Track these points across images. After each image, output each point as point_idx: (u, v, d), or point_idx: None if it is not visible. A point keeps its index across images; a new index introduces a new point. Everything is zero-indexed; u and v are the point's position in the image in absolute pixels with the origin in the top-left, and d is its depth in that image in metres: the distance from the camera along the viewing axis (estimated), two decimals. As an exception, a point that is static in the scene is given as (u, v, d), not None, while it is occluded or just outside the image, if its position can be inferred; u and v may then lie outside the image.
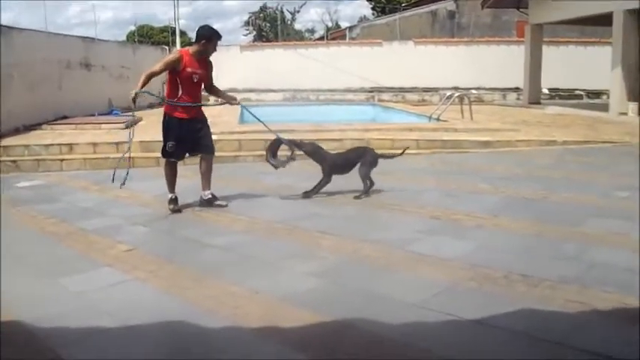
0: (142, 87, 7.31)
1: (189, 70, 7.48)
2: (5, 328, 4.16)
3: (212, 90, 7.95)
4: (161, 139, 7.71)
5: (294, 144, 8.20)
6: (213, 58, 7.73)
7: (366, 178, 8.14)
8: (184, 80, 7.49)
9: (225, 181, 8.47)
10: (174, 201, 7.72)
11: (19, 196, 9.26)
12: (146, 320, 4.22)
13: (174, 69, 7.47)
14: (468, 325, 4.02)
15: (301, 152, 8.32)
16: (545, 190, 8.40)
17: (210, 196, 7.81)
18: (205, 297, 4.65)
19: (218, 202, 7.80)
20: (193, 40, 7.80)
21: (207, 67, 7.78)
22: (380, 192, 8.32)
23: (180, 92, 7.48)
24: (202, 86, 7.80)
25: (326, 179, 8.15)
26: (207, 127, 7.84)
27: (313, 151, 8.27)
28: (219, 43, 7.74)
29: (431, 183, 9.28)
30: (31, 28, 18.29)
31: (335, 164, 8.23)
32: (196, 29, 7.77)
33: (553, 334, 3.82)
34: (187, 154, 7.86)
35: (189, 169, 8.09)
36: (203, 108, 7.87)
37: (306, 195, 8.12)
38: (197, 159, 7.91)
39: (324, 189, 8.19)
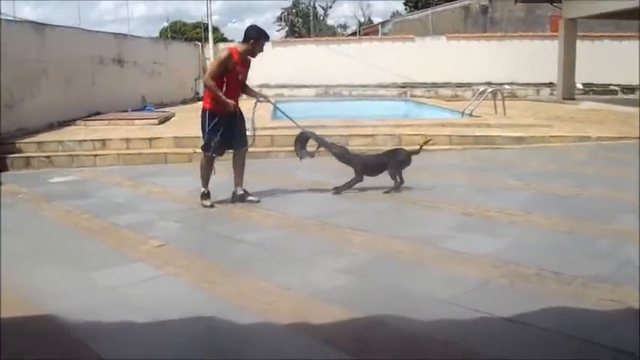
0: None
1: (237, 68, 7.52)
2: (38, 321, 4.22)
3: (245, 89, 7.96)
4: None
5: (323, 142, 8.25)
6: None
7: (395, 175, 8.14)
8: (231, 78, 7.50)
9: (257, 177, 8.48)
10: (206, 195, 7.75)
11: (53, 192, 9.34)
12: (177, 315, 4.25)
13: (225, 67, 7.48)
14: (498, 322, 4.00)
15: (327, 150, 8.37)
16: (579, 187, 8.33)
17: (242, 191, 7.83)
18: (236, 293, 4.67)
19: (250, 198, 7.81)
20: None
21: (248, 66, 7.79)
22: (411, 188, 8.29)
23: (224, 89, 7.47)
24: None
25: (357, 178, 8.19)
26: (244, 122, 7.88)
27: (340, 155, 8.35)
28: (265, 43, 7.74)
29: (463, 179, 9.23)
30: (65, 24, 18.45)
31: (365, 165, 8.27)
32: (245, 29, 7.77)
33: (585, 332, 3.78)
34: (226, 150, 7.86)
35: (220, 165, 8.09)
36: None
37: (337, 191, 8.14)
38: (229, 154, 7.91)
39: (356, 186, 8.19)
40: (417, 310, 4.20)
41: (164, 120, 16.57)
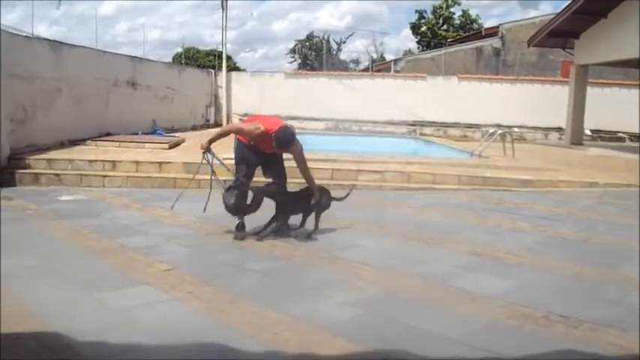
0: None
1: (260, 145, 7.38)
2: (45, 338, 4.22)
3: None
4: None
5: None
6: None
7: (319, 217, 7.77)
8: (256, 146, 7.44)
9: (261, 210, 8.25)
10: (241, 227, 7.61)
11: (61, 210, 9.37)
12: (183, 340, 4.25)
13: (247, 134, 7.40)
14: (506, 363, 4.00)
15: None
16: (587, 232, 8.33)
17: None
18: (244, 321, 4.67)
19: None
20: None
21: (275, 152, 7.51)
22: (420, 226, 8.29)
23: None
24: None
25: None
26: (281, 161, 7.74)
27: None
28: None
29: (471, 219, 9.22)
30: (82, 44, 18.56)
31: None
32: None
33: (593, 377, 3.78)
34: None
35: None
36: None
37: (259, 237, 7.53)
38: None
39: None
40: (424, 348, 4.20)
41: (174, 145, 16.62)
